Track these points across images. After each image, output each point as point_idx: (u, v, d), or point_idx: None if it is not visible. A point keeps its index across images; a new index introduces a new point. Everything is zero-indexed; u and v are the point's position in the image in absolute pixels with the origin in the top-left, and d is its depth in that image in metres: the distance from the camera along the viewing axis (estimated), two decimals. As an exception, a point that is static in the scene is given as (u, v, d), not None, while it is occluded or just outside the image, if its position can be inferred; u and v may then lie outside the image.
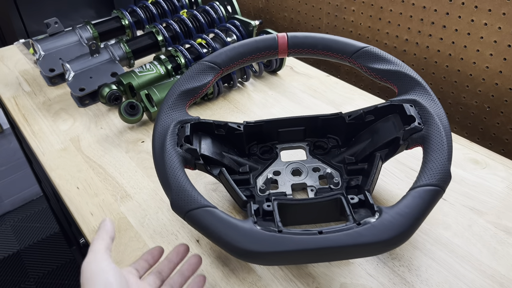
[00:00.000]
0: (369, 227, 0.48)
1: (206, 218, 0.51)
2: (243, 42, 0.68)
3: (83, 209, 0.70)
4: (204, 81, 0.66)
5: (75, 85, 0.94)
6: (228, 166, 0.66)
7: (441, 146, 0.55)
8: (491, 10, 0.79)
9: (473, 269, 0.57)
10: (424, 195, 0.51)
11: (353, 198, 0.56)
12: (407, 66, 0.64)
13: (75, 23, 1.15)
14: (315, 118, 0.70)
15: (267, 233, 0.49)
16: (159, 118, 0.63)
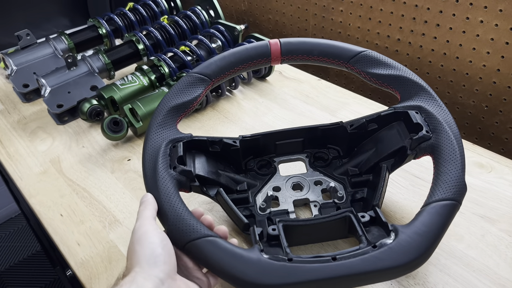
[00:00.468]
0: (387, 250, 0.45)
1: (208, 249, 0.46)
2: (234, 51, 0.64)
3: (69, 239, 0.64)
4: (195, 95, 0.62)
5: (52, 101, 0.88)
6: (225, 185, 0.62)
7: (453, 156, 0.51)
8: (487, 7, 0.76)
9: (492, 284, 0.54)
10: (442, 211, 0.47)
11: (363, 216, 0.52)
12: (409, 70, 0.61)
13: (48, 33, 1.09)
14: (314, 128, 0.66)
15: (276, 263, 0.45)
16: (148, 138, 0.58)
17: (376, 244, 0.46)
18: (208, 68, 0.63)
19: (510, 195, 0.65)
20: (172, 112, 0.60)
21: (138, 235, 0.45)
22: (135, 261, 0.43)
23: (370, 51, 0.61)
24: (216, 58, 0.64)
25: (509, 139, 0.84)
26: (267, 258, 0.45)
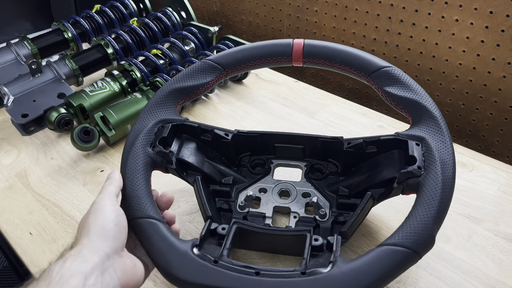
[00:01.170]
0: (311, 280, 0.42)
1: (146, 230, 0.47)
2: (254, 45, 0.62)
3: (40, 260, 0.60)
4: (203, 81, 0.61)
5: (16, 110, 0.82)
6: (209, 175, 0.60)
7: (431, 202, 0.46)
8: (462, 6, 0.76)
9: (482, 285, 0.53)
10: (391, 256, 0.43)
11: (317, 240, 0.49)
12: (428, 96, 0.54)
13: (9, 38, 1.03)
14: (314, 138, 0.62)
15: (198, 261, 0.44)
16: (141, 114, 0.59)
17: (306, 271, 0.43)
18: (224, 57, 0.62)
19: (493, 193, 0.65)
20: (174, 94, 0.60)
21: (94, 207, 0.45)
22: (84, 233, 0.43)
23: (394, 68, 0.56)
24: (234, 49, 0.62)
25: (485, 136, 0.85)
26: (195, 254, 0.45)
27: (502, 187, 0.66)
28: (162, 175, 0.68)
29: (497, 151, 0.85)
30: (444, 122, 0.52)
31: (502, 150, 0.84)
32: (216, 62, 0.62)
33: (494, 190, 0.66)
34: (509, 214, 0.62)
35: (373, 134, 0.77)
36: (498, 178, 0.68)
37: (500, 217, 0.62)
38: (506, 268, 0.55)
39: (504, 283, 0.53)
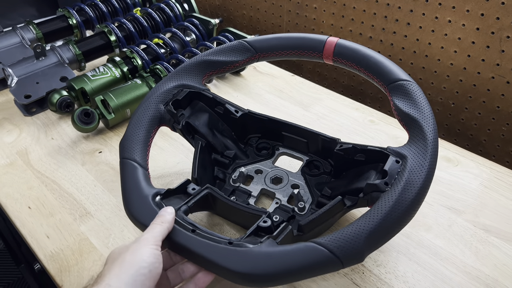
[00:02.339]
0: (229, 249, 0.45)
1: (126, 169, 0.55)
2: (290, 35, 0.65)
3: (37, 232, 0.62)
4: (233, 59, 0.66)
5: (20, 91, 0.85)
6: (212, 143, 0.65)
7: (373, 217, 0.45)
8: (455, 7, 0.79)
9: (458, 271, 0.56)
10: (311, 253, 0.43)
11: (265, 222, 0.51)
12: (431, 118, 0.53)
13: (14, 23, 1.05)
14: (315, 134, 0.63)
15: (151, 206, 0.50)
16: (167, 75, 0.66)
17: (234, 242, 0.46)
18: (259, 41, 0.66)
19: (475, 187, 0.68)
20: (203, 65, 0.66)
21: (136, 246, 0.43)
22: (115, 271, 0.40)
23: (412, 84, 0.55)
24: (270, 35, 0.66)
25: (473, 135, 0.88)
26: (153, 201, 0.51)
27: (484, 182, 0.69)
28: (159, 157, 0.71)
29: (484, 150, 0.87)
30: (433, 146, 0.50)
31: (489, 149, 0.86)
32: (250, 44, 0.66)
33: (476, 184, 0.68)
34: (488, 207, 0.64)
35: (366, 128, 0.80)
36: (481, 173, 0.70)
37: (480, 209, 0.64)
38: (482, 257, 0.57)
39: (479, 270, 0.56)
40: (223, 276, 0.46)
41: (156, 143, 0.78)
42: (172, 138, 0.80)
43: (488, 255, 0.58)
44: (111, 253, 0.44)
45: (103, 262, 0.58)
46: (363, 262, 0.51)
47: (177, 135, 0.80)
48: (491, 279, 0.55)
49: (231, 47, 0.66)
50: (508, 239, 0.60)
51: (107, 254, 0.58)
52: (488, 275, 0.55)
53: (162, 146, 0.78)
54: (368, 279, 0.55)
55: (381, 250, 0.59)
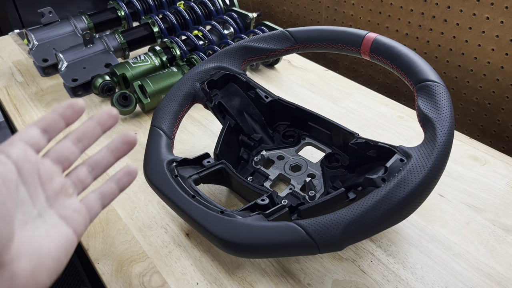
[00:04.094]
0: (217, 217, 0.48)
1: (152, 136, 0.61)
2: (330, 27, 0.67)
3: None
4: (273, 47, 0.69)
5: (68, 75, 0.92)
6: (240, 125, 0.68)
7: (355, 208, 0.45)
8: (494, 4, 0.77)
9: (470, 267, 0.55)
10: (289, 232, 0.45)
11: (263, 200, 0.53)
12: (449, 122, 0.51)
13: (71, 14, 1.13)
14: (337, 127, 0.64)
15: (164, 170, 0.55)
16: (209, 57, 0.70)
17: (225, 212, 0.49)
18: (300, 32, 0.68)
19: (500, 187, 0.66)
20: (244, 50, 0.70)
21: None
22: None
23: (439, 85, 0.54)
24: (311, 27, 0.69)
25: (510, 138, 0.85)
26: (167, 166, 0.56)
27: (511, 182, 0.67)
28: (188, 141, 0.75)
29: (520, 153, 0.84)
30: (441, 149, 0.49)
31: (525, 153, 0.83)
32: (291, 34, 0.68)
33: (502, 184, 0.67)
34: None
35: (393, 124, 0.80)
36: (508, 174, 0.68)
37: (503, 209, 0.62)
38: (498, 255, 0.56)
39: (492, 268, 0.55)
40: (210, 241, 0.49)
41: (186, 128, 0.82)
42: (202, 125, 0.83)
43: (504, 254, 0.56)
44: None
45: (126, 231, 0.62)
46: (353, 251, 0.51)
47: (207, 121, 0.84)
48: (504, 278, 0.53)
49: (273, 35, 0.70)
50: (528, 240, 0.58)
51: (131, 225, 0.63)
52: (502, 273, 0.54)
53: (192, 131, 0.82)
54: (376, 267, 0.56)
55: (393, 241, 0.59)
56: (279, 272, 0.56)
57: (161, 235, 0.61)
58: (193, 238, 0.61)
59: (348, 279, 0.54)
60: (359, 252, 0.58)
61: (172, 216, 0.64)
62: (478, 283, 0.53)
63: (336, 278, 0.54)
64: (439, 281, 0.54)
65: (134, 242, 0.61)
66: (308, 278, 0.55)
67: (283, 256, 0.49)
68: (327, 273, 0.55)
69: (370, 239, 0.59)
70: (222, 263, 0.57)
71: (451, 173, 0.69)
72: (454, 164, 0.71)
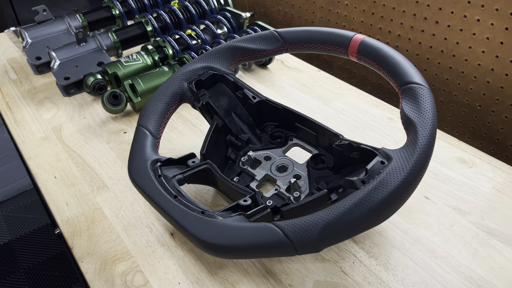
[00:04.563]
0: (197, 217, 0.49)
1: (137, 135, 0.62)
2: (318, 28, 0.67)
3: (59, 199, 0.68)
4: (262, 47, 0.69)
5: (60, 73, 0.92)
6: (228, 125, 0.68)
7: (333, 211, 0.45)
8: (484, 6, 0.76)
9: (451, 270, 0.55)
10: (267, 233, 0.45)
11: (246, 201, 0.54)
12: (431, 125, 0.51)
13: (67, 12, 1.14)
14: (323, 128, 0.64)
15: (147, 170, 0.55)
16: (198, 57, 0.70)
17: (205, 212, 0.50)
18: (288, 33, 0.69)
19: (486, 190, 0.66)
20: (232, 50, 0.70)
21: None
22: None
23: (423, 88, 0.54)
24: (300, 28, 0.69)
25: (500, 140, 0.84)
26: (151, 166, 0.56)
27: (497, 185, 0.67)
28: (177, 140, 0.76)
29: (510, 156, 0.84)
30: (422, 152, 0.49)
31: (515, 155, 0.83)
32: (280, 35, 0.69)
33: (488, 187, 0.66)
34: (497, 210, 0.63)
35: (382, 125, 0.80)
36: (495, 177, 0.68)
37: (488, 212, 0.62)
38: (480, 258, 0.56)
39: (473, 271, 0.55)
40: (190, 241, 0.50)
41: (176, 127, 0.83)
42: (192, 124, 0.83)
43: (486, 257, 0.56)
44: None
45: (111, 230, 0.63)
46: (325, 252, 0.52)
47: (198, 121, 0.84)
48: (485, 281, 0.53)
49: (261, 36, 0.70)
50: (511, 244, 0.58)
51: (116, 223, 0.63)
52: (483, 276, 0.54)
53: (181, 131, 0.82)
54: (358, 268, 0.56)
55: (376, 242, 0.59)
56: (261, 273, 0.56)
57: (145, 234, 0.62)
58: (177, 238, 0.61)
59: (329, 280, 0.54)
60: (341, 254, 0.58)
61: (158, 216, 0.64)
62: (459, 286, 0.53)
63: (317, 279, 0.55)
64: (420, 283, 0.54)
65: (118, 241, 0.61)
66: (289, 279, 0.55)
67: (262, 257, 0.50)
68: (308, 274, 0.55)
69: (353, 240, 0.59)
70: (205, 263, 0.57)
71: (438, 175, 0.69)
72: (441, 166, 0.71)
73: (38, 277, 1.70)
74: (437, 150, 0.74)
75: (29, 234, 1.88)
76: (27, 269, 1.73)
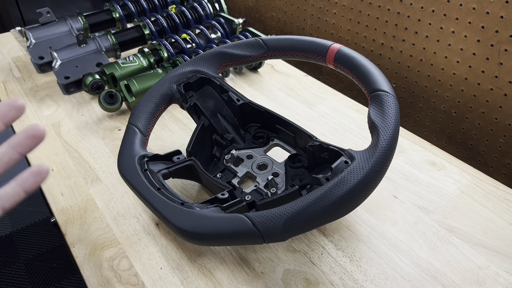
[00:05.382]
0: (176, 207, 0.54)
1: (127, 132, 0.66)
2: (300, 37, 0.73)
3: (55, 190, 0.74)
4: (247, 53, 0.74)
5: (61, 73, 0.98)
6: (213, 125, 0.73)
7: (297, 204, 0.50)
8: (458, 19, 0.81)
9: (410, 263, 0.60)
10: (237, 223, 0.50)
11: (223, 194, 0.58)
12: (393, 130, 0.55)
13: (70, 14, 1.19)
14: (299, 130, 0.69)
15: (134, 165, 0.60)
16: (187, 61, 0.75)
17: (185, 204, 0.55)
18: (272, 40, 0.74)
19: (452, 191, 0.71)
20: (220, 55, 0.75)
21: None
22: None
23: (388, 95, 0.59)
24: (283, 36, 0.74)
25: (473, 145, 0.89)
26: (138, 161, 0.61)
27: (462, 187, 0.71)
28: (167, 138, 0.81)
29: (483, 161, 0.88)
30: (381, 153, 0.53)
31: (487, 160, 0.88)
32: (264, 42, 0.74)
33: (453, 188, 0.71)
34: (459, 210, 0.67)
35: (361, 128, 0.85)
36: (461, 179, 0.73)
37: (450, 211, 0.67)
38: (438, 253, 0.61)
39: (431, 264, 0.60)
40: (170, 229, 0.55)
41: (167, 126, 0.88)
42: (183, 123, 0.89)
43: (444, 252, 0.61)
44: None
45: (102, 219, 0.68)
46: (290, 241, 0.56)
47: (188, 120, 0.89)
48: (440, 273, 0.58)
49: (246, 43, 0.75)
50: (468, 240, 0.63)
51: (107, 213, 0.69)
52: (439, 269, 0.59)
53: (172, 129, 0.87)
54: (325, 259, 0.61)
55: (344, 236, 0.64)
56: (236, 261, 0.61)
57: (133, 224, 0.67)
58: (162, 228, 0.66)
59: (298, 269, 0.60)
60: (311, 245, 0.63)
61: (145, 207, 0.70)
62: (416, 277, 0.58)
63: (287, 268, 0.60)
64: (381, 274, 0.59)
65: (108, 229, 0.66)
66: (262, 267, 0.60)
67: (233, 244, 0.54)
68: (279, 263, 0.60)
69: (322, 234, 0.64)
70: (185, 250, 0.62)
71: (408, 176, 0.74)
72: (412, 168, 0.76)
73: (37, 268, 1.76)
74: (409, 153, 0.79)
75: (29, 227, 1.94)
76: (26, 260, 1.79)
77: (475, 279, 0.58)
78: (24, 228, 1.94)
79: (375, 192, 0.70)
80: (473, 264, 0.59)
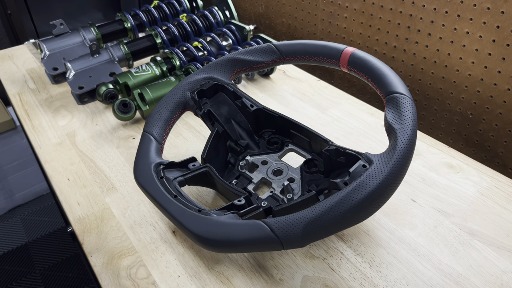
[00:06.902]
0: (193, 215, 0.53)
1: (143, 140, 0.67)
2: (313, 42, 0.72)
3: (71, 199, 0.74)
4: (260, 59, 0.74)
5: (75, 83, 0.99)
6: (228, 132, 0.73)
7: (316, 209, 0.49)
8: (472, 19, 0.80)
9: (432, 267, 0.59)
10: (256, 229, 0.49)
11: (240, 201, 0.59)
12: (411, 132, 0.54)
13: (83, 25, 1.21)
14: (314, 135, 0.68)
15: (151, 172, 0.61)
16: (200, 69, 0.76)
17: (202, 211, 0.54)
18: (285, 45, 0.74)
19: (471, 194, 0.70)
20: (233, 62, 0.75)
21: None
22: None
23: (405, 97, 0.58)
24: (296, 41, 0.74)
25: (491, 147, 0.88)
26: (154, 169, 0.61)
27: (482, 189, 0.70)
28: (182, 146, 0.81)
29: (501, 162, 0.87)
30: (400, 156, 0.52)
31: (506, 161, 0.86)
32: (277, 47, 0.74)
33: (473, 191, 0.70)
34: (480, 213, 0.66)
35: (376, 132, 0.84)
36: (481, 181, 0.72)
37: (471, 214, 0.66)
38: (460, 257, 0.60)
39: (453, 268, 0.58)
40: (188, 236, 0.55)
41: (181, 134, 0.88)
42: (196, 130, 0.89)
43: (466, 256, 0.60)
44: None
45: (119, 228, 0.68)
46: (306, 247, 0.55)
47: (202, 127, 0.89)
48: (463, 278, 0.57)
49: (259, 48, 0.75)
50: (490, 244, 0.61)
51: (123, 222, 0.69)
52: (461, 274, 0.58)
53: (186, 137, 0.87)
54: (344, 265, 0.60)
55: (362, 241, 0.63)
56: (254, 268, 0.60)
57: (149, 232, 0.67)
58: (179, 236, 0.66)
59: (317, 276, 0.59)
60: (330, 251, 0.62)
61: (161, 215, 0.69)
62: (438, 282, 0.57)
63: (306, 275, 0.59)
64: (402, 279, 0.57)
65: (124, 238, 0.66)
66: (280, 274, 0.59)
67: (252, 251, 0.54)
68: (298, 270, 0.60)
69: (341, 239, 0.64)
70: (203, 258, 0.62)
71: (425, 180, 0.73)
72: (429, 171, 0.74)
73: (53, 278, 1.77)
74: (426, 156, 0.78)
75: (45, 237, 1.96)
76: (42, 270, 1.80)
77: (499, 283, 0.56)
78: (39, 238, 1.95)
79: (393, 196, 0.69)
80: (496, 268, 0.58)
